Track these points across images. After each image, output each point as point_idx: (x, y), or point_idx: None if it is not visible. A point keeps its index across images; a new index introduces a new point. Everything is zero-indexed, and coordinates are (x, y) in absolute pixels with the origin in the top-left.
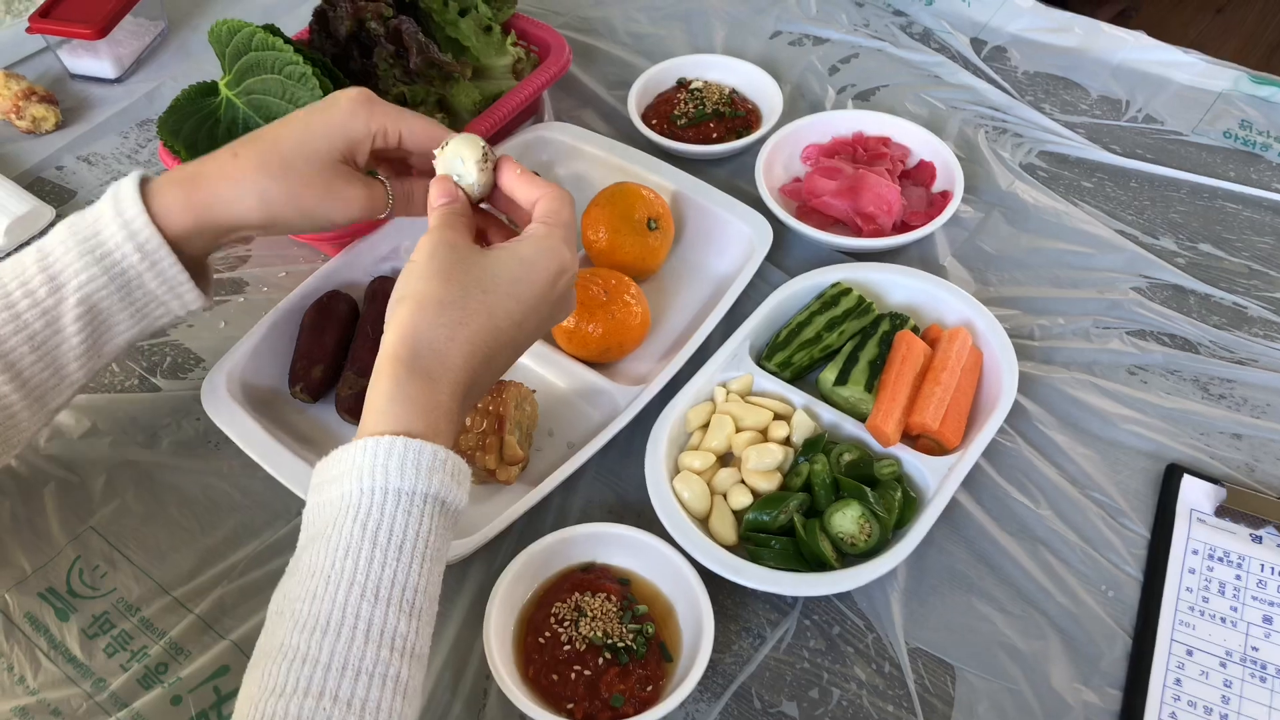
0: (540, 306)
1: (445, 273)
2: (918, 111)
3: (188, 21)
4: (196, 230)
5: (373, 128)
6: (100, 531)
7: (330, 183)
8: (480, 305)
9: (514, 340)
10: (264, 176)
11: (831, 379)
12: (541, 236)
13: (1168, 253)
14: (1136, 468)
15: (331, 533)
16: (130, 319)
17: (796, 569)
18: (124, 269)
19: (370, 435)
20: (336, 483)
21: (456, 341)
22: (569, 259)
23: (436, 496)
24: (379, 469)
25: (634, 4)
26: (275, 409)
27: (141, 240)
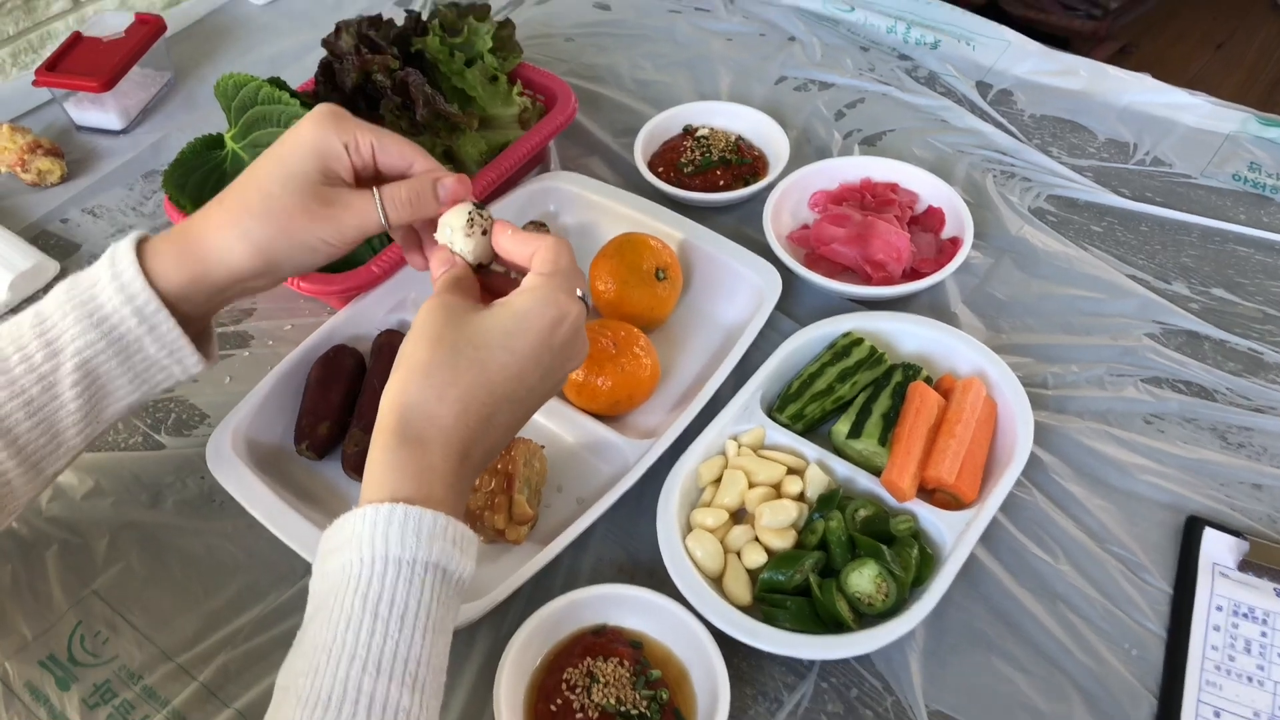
0: (540, 357)
1: (436, 335)
2: (925, 156)
3: (194, 72)
4: (194, 288)
5: (344, 138)
6: (103, 596)
7: (313, 204)
8: (471, 363)
9: (514, 394)
10: (247, 216)
11: (845, 432)
12: (535, 287)
13: (1180, 298)
14: (1156, 520)
15: (333, 605)
16: (130, 384)
17: (813, 630)
18: (122, 333)
19: (368, 504)
20: (338, 553)
21: (446, 401)
22: (567, 306)
23: (438, 565)
24: (378, 538)
25: (639, 51)
26: (281, 467)
27: (139, 304)
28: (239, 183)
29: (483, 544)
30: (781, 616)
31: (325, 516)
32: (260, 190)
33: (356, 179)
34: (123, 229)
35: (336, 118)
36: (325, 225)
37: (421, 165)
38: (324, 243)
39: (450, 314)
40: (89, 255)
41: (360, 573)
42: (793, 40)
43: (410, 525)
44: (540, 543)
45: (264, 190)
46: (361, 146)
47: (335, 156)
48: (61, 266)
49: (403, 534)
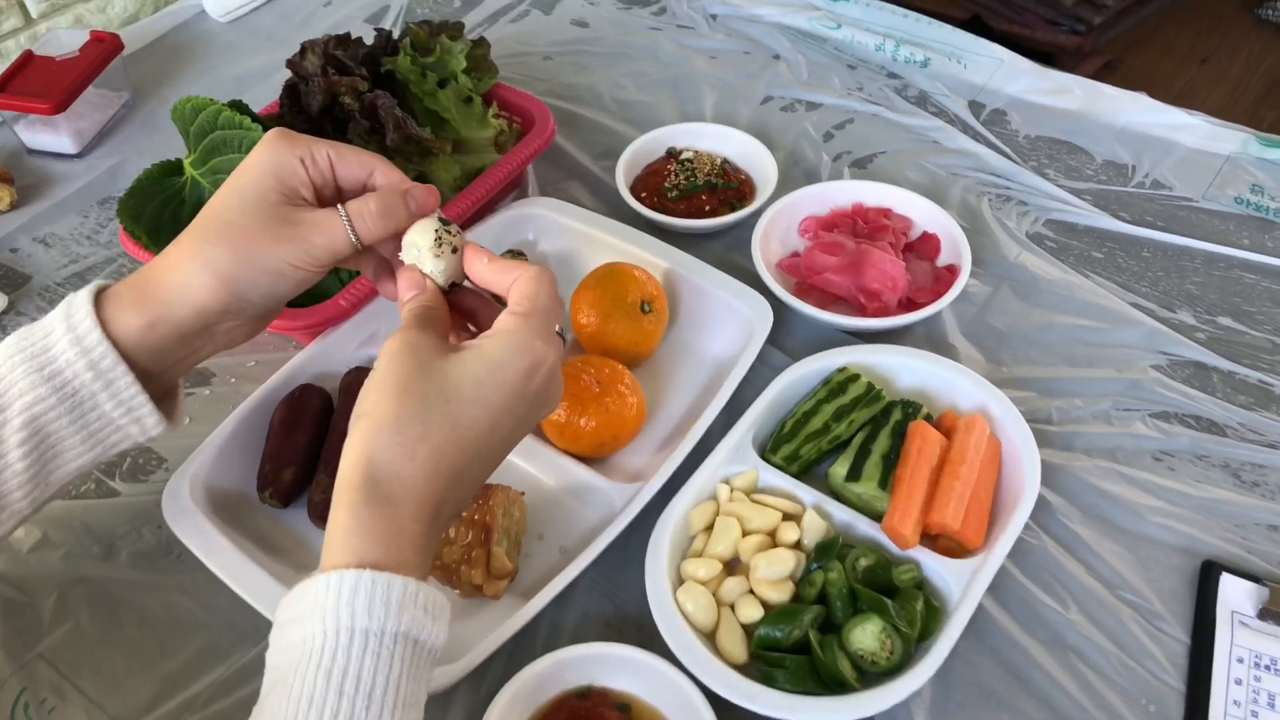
0: (514, 408)
1: (403, 385)
2: (918, 179)
3: (154, 92)
4: (156, 334)
5: (298, 153)
6: (49, 659)
7: (274, 225)
8: (442, 417)
9: (486, 449)
10: (207, 245)
11: (843, 474)
12: (510, 331)
13: (1186, 327)
14: (1170, 565)
15: (294, 681)
16: (82, 444)
17: (814, 691)
18: (75, 388)
19: (332, 569)
20: (298, 623)
21: (417, 460)
22: (543, 351)
23: (408, 635)
24: (343, 607)
25: (620, 70)
26: (243, 515)
27: (95, 358)
28: (196, 219)
29: (459, 599)
30: (780, 676)
31: (291, 570)
32: (217, 219)
33: (318, 197)
34: (76, 259)
35: (288, 136)
36: (289, 246)
37: (384, 171)
38: (290, 265)
39: (418, 359)
40: (40, 287)
41: (323, 646)
42: (778, 59)
43: (379, 593)
44: (521, 596)
45: (221, 219)
46: (318, 159)
47: (291, 172)
48: (9, 299)
49: (370, 603)
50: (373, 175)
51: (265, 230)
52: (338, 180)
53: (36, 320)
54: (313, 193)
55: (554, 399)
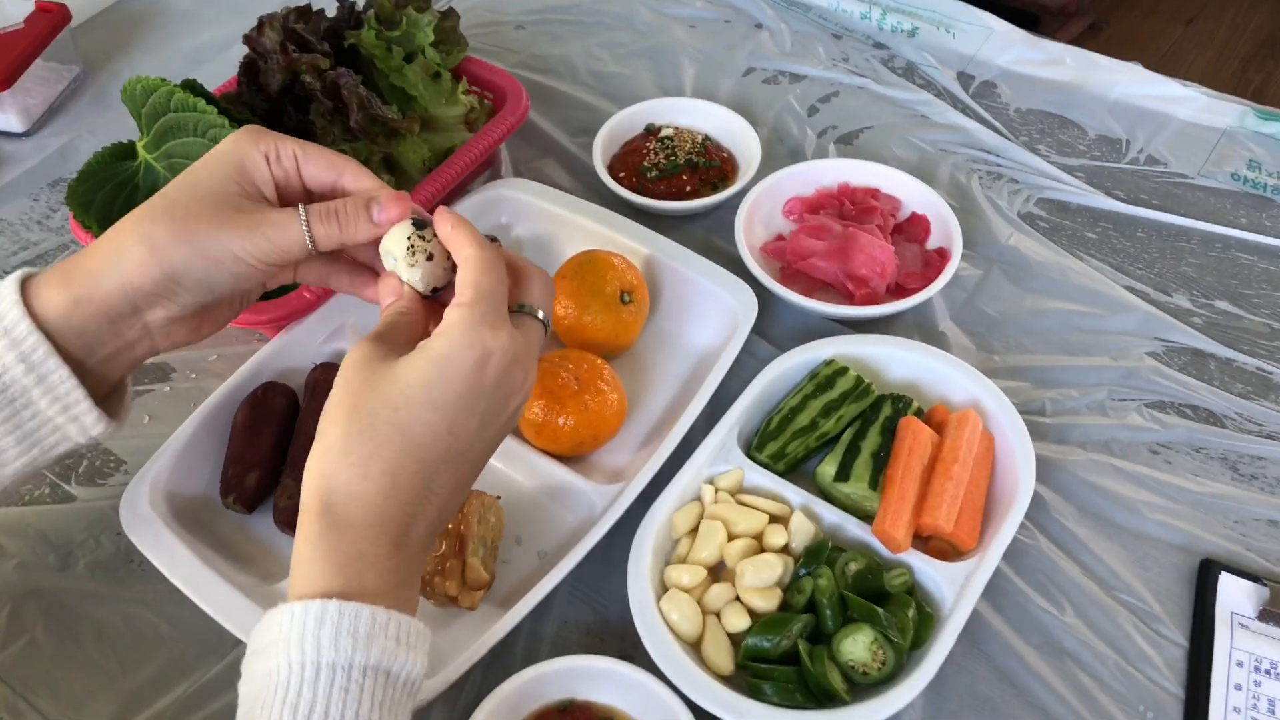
0: (472, 404)
1: (352, 401)
2: (906, 156)
3: (106, 65)
4: (82, 315)
5: (262, 148)
6: (3, 677)
7: (225, 211)
8: (392, 428)
9: (450, 452)
10: (147, 221)
11: (831, 474)
12: (454, 324)
13: (1183, 312)
14: (1167, 563)
15: (260, 716)
16: (16, 445)
17: (803, 704)
18: (6, 384)
19: (297, 599)
20: (264, 655)
21: (371, 478)
22: (491, 340)
23: (378, 667)
24: (308, 640)
25: (595, 40)
26: (206, 522)
27: (26, 349)
28: (145, 201)
29: (433, 609)
30: (768, 689)
31: (256, 580)
32: (165, 199)
33: (281, 198)
34: (26, 245)
35: (255, 131)
36: (236, 235)
37: (354, 175)
38: (233, 256)
39: (369, 372)
40: None
41: (289, 680)
42: (760, 28)
43: (345, 624)
44: (498, 605)
45: (170, 199)
46: (283, 156)
47: (253, 166)
48: None
49: (336, 635)
50: (342, 179)
51: (214, 215)
52: (304, 181)
53: None
54: (274, 191)
55: (523, 386)
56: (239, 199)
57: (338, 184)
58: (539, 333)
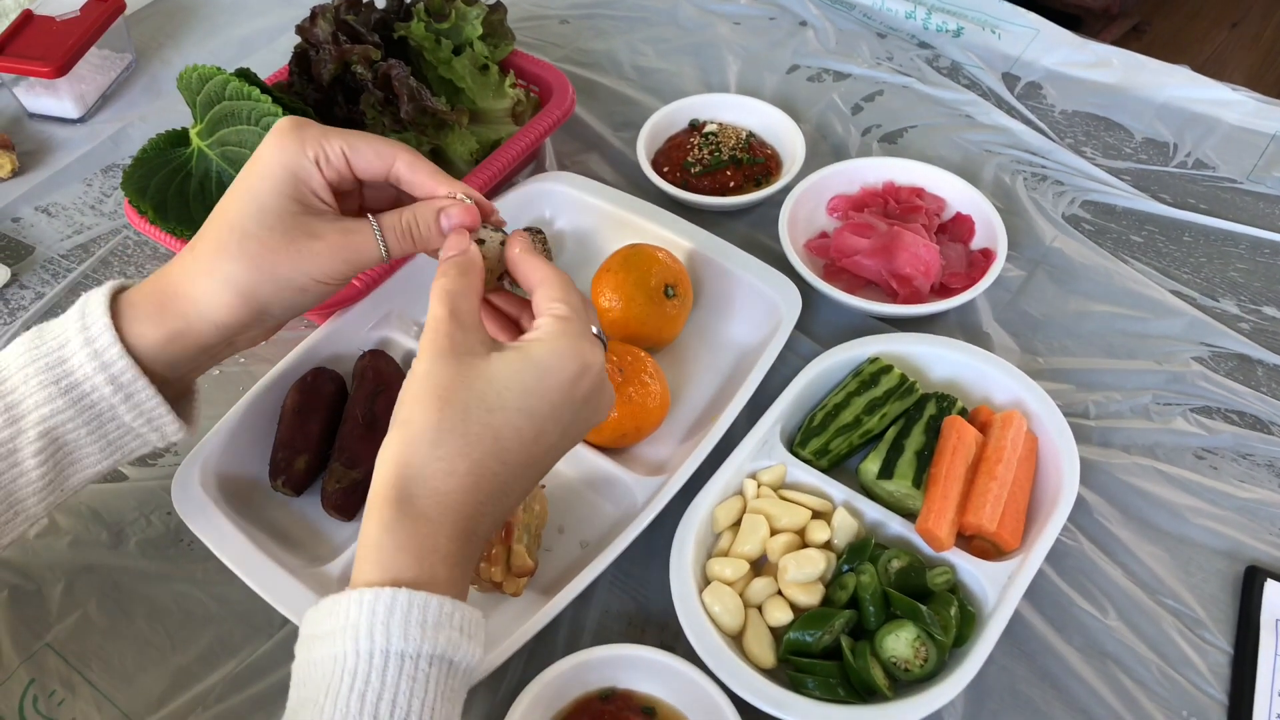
0: (560, 415)
1: (444, 391)
2: (950, 156)
3: (157, 54)
4: (175, 346)
5: (310, 153)
6: (58, 650)
7: (298, 238)
8: (484, 428)
9: (530, 460)
10: (225, 260)
11: (875, 471)
12: (557, 334)
13: (1230, 317)
14: (1212, 569)
15: (325, 701)
16: (100, 452)
17: (844, 699)
18: (94, 401)
19: (365, 585)
20: (329, 640)
21: (456, 475)
22: (590, 355)
23: (443, 657)
24: (377, 628)
25: (639, 36)
26: (255, 503)
27: (115, 372)
28: (211, 222)
29: (477, 595)
30: (809, 683)
31: (305, 562)
32: (235, 229)
33: (337, 194)
34: (80, 229)
35: (299, 131)
36: (313, 261)
37: (407, 162)
38: (314, 281)
39: (460, 365)
40: (43, 259)
41: (356, 667)
42: (804, 25)
43: (414, 614)
44: (540, 592)
45: (239, 229)
46: (332, 157)
47: (307, 176)
48: (12, 272)
49: (405, 624)
50: (395, 167)
51: (287, 243)
52: (355, 174)
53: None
54: (330, 193)
55: (604, 405)
56: (305, 219)
57: (391, 173)
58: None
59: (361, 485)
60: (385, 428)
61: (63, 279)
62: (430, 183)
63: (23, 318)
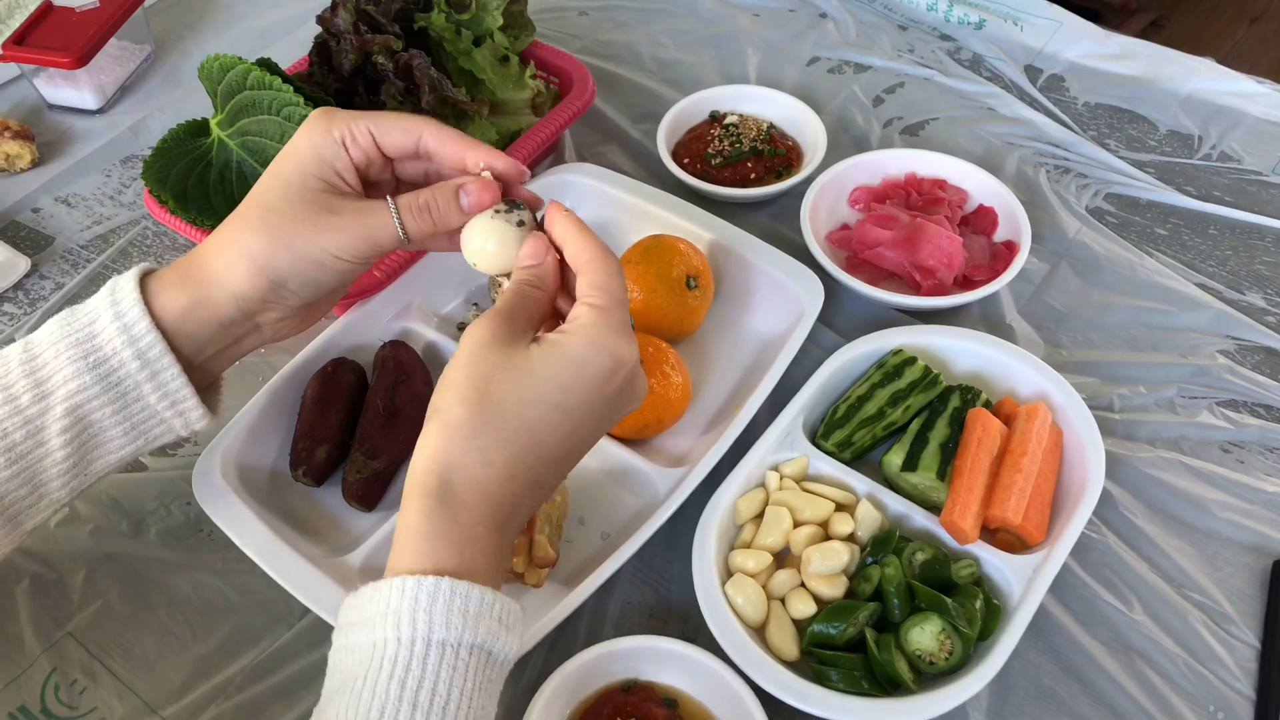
0: (594, 409)
1: (483, 385)
2: (972, 148)
3: (177, 45)
4: (196, 318)
5: (337, 134)
6: (79, 638)
7: (316, 212)
8: (521, 423)
9: (565, 454)
10: (246, 232)
11: (898, 464)
12: (591, 326)
13: (1256, 310)
14: (1239, 563)
15: (363, 688)
16: (124, 436)
17: (868, 691)
18: (120, 378)
19: (404, 574)
20: (368, 627)
21: (493, 467)
22: (625, 350)
23: (483, 647)
24: (419, 615)
25: (659, 27)
26: (276, 494)
27: (142, 347)
28: (241, 205)
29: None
30: (833, 675)
31: (325, 552)
32: (259, 205)
33: (365, 176)
34: (99, 220)
35: (327, 116)
36: (331, 235)
37: (432, 134)
38: (331, 256)
39: (500, 357)
40: (63, 249)
41: (397, 654)
42: (825, 17)
43: (457, 603)
44: (562, 583)
45: (262, 204)
46: (358, 136)
47: (333, 156)
48: (33, 262)
49: (448, 613)
50: (422, 140)
51: (305, 217)
52: (384, 152)
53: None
54: (357, 176)
55: (635, 398)
56: (326, 196)
57: (420, 147)
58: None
59: (382, 475)
60: (406, 418)
61: (82, 269)
62: (458, 149)
63: (43, 308)
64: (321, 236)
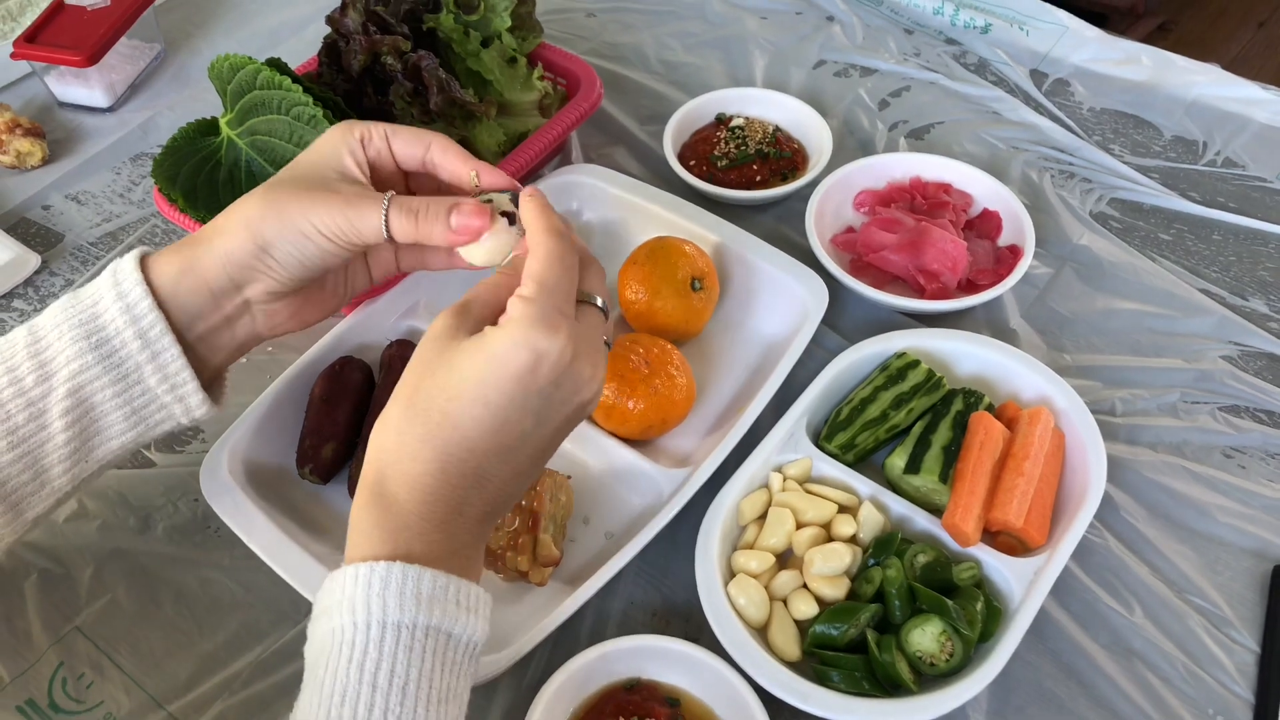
0: (524, 403)
1: (415, 379)
2: (977, 152)
3: (186, 44)
4: (187, 286)
5: (357, 134)
6: (87, 633)
7: (314, 188)
8: (444, 416)
9: (502, 446)
10: (249, 200)
11: (901, 466)
12: (514, 320)
13: (1259, 316)
14: (1240, 568)
15: (324, 675)
16: (125, 420)
17: (869, 692)
18: (122, 358)
19: (356, 561)
20: (327, 615)
21: (420, 460)
22: (545, 342)
23: (439, 629)
24: (374, 599)
25: (666, 29)
26: (282, 491)
27: (144, 326)
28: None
29: (503, 584)
30: (834, 676)
31: (331, 549)
32: (270, 181)
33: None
34: (109, 217)
35: (348, 121)
36: (320, 209)
37: (439, 148)
38: (316, 230)
39: (436, 353)
40: (73, 246)
41: (354, 639)
42: (831, 20)
43: (409, 586)
44: (565, 582)
45: (272, 183)
46: (375, 137)
47: (349, 150)
48: (43, 259)
49: (400, 596)
50: (429, 152)
51: (306, 190)
52: (395, 157)
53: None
54: (367, 173)
55: (590, 380)
56: (330, 178)
57: (426, 157)
58: (600, 320)
59: None
60: None
61: (91, 266)
62: (457, 164)
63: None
64: (311, 209)
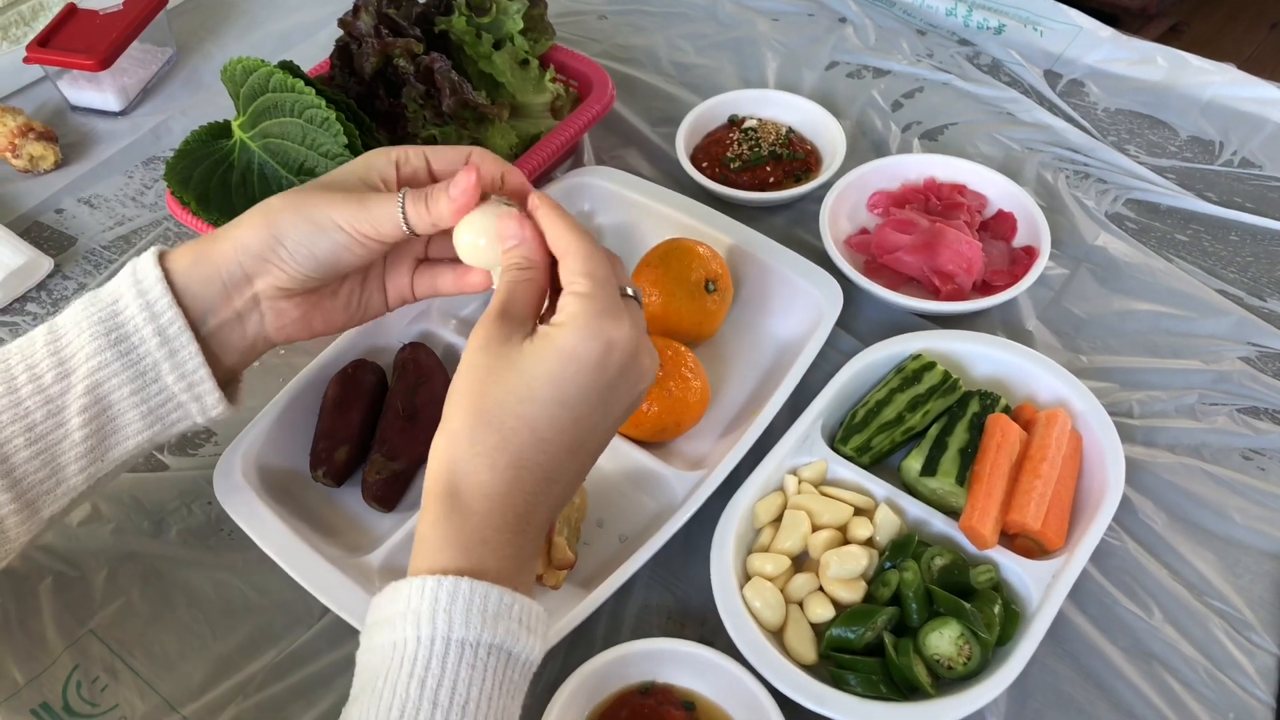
0: (597, 395)
1: (479, 389)
2: (991, 153)
3: (198, 48)
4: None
5: (393, 155)
6: (101, 636)
7: (335, 190)
8: (519, 421)
9: (574, 444)
10: (272, 198)
11: (917, 468)
12: (576, 314)
13: (1277, 317)
14: (1260, 571)
15: (384, 688)
16: (141, 420)
17: (887, 695)
18: (140, 355)
19: (423, 574)
20: (388, 626)
21: (498, 469)
22: (614, 331)
23: (502, 647)
24: (440, 614)
25: (678, 31)
26: (296, 494)
27: (163, 323)
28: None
29: None
30: (851, 679)
31: (345, 552)
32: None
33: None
34: (122, 221)
35: (386, 148)
36: (340, 206)
37: (478, 154)
38: (333, 223)
39: (494, 358)
40: (85, 250)
41: (416, 653)
42: (844, 22)
43: (476, 603)
44: (580, 585)
45: (300, 186)
46: (412, 156)
47: (382, 166)
48: (56, 262)
49: (467, 612)
50: (470, 158)
51: (325, 188)
52: (435, 174)
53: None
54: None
55: (647, 372)
56: (356, 186)
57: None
58: (641, 311)
59: (402, 476)
60: (426, 420)
61: (104, 270)
62: (492, 168)
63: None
64: (330, 204)
